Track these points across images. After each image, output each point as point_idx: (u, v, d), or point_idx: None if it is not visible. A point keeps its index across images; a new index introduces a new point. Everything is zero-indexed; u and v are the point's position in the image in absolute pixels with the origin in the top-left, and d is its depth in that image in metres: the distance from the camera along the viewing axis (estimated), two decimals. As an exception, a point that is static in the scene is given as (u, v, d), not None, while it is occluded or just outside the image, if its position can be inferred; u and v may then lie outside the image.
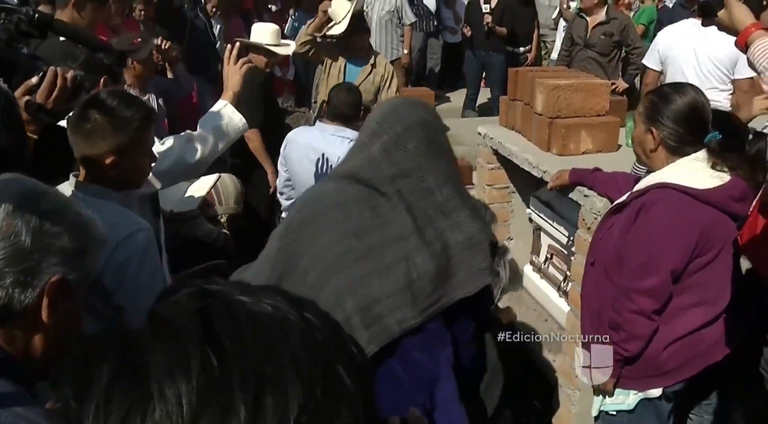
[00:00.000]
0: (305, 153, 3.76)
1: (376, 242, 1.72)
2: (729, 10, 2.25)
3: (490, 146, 4.10)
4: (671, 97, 2.34)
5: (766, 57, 2.13)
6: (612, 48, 6.28)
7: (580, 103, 3.66)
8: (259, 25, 4.85)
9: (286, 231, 1.85)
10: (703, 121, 2.34)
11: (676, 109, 2.32)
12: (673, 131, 2.32)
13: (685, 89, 2.37)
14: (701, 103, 2.35)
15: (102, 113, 1.97)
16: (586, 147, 3.66)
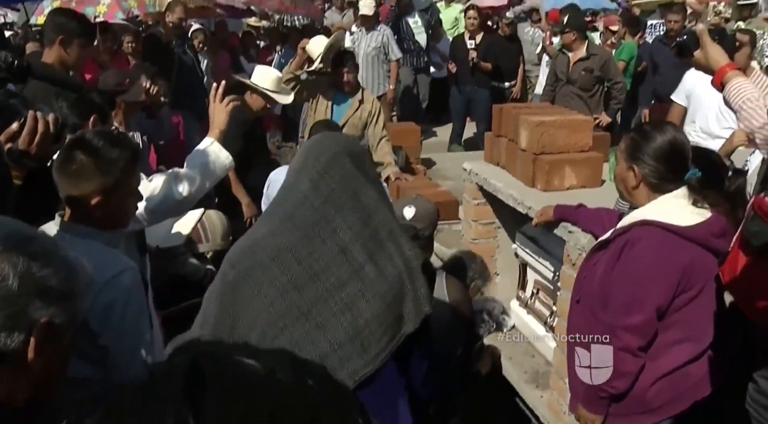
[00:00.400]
0: None
1: (318, 294, 1.65)
2: (705, 50, 2.33)
3: (476, 182, 4.14)
4: (652, 136, 2.38)
5: (741, 96, 2.19)
6: (593, 83, 6.39)
7: (564, 140, 3.72)
8: (263, 68, 4.84)
9: (222, 291, 1.75)
10: (683, 158, 2.38)
11: (657, 147, 2.36)
12: (654, 169, 2.36)
13: (666, 128, 2.41)
14: (681, 142, 2.39)
15: (87, 154, 1.97)
16: (570, 183, 3.71)
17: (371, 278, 1.66)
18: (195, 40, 7.63)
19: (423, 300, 1.70)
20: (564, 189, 3.69)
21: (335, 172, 1.73)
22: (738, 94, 2.20)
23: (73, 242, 1.90)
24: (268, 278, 1.67)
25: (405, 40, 8.34)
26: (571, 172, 3.69)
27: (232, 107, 2.79)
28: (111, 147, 2.02)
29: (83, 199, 1.99)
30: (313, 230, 1.69)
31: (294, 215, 1.73)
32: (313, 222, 1.69)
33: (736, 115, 2.24)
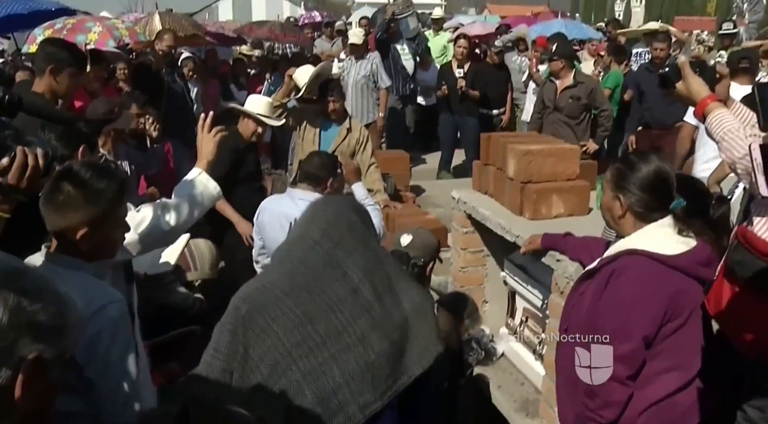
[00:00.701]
0: (277, 219, 3.80)
1: (331, 326, 1.70)
2: (686, 82, 2.38)
3: (464, 210, 4.16)
4: (637, 166, 2.41)
5: (722, 127, 2.23)
6: (581, 111, 6.45)
7: (551, 168, 3.75)
8: (254, 97, 4.92)
9: (234, 323, 1.78)
10: (668, 188, 2.41)
11: (642, 177, 2.39)
12: (640, 198, 2.38)
13: (650, 158, 2.44)
14: (666, 171, 2.42)
15: (75, 185, 1.97)
16: (558, 211, 3.73)
17: (380, 317, 1.72)
18: (185, 68, 7.66)
19: (431, 343, 1.77)
20: (551, 217, 3.71)
21: (343, 222, 1.83)
22: (719, 125, 2.24)
23: (59, 273, 1.90)
24: (281, 311, 1.73)
25: (392, 67, 8.39)
26: (558, 201, 3.72)
27: (220, 138, 2.80)
28: (98, 178, 2.02)
29: (70, 230, 1.98)
30: (325, 271, 1.77)
31: (305, 259, 1.80)
32: (325, 264, 1.78)
33: (718, 146, 2.27)
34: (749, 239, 2.30)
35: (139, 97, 5.24)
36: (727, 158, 2.24)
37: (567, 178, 3.81)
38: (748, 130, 2.21)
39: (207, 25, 11.89)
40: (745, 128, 2.22)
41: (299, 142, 5.37)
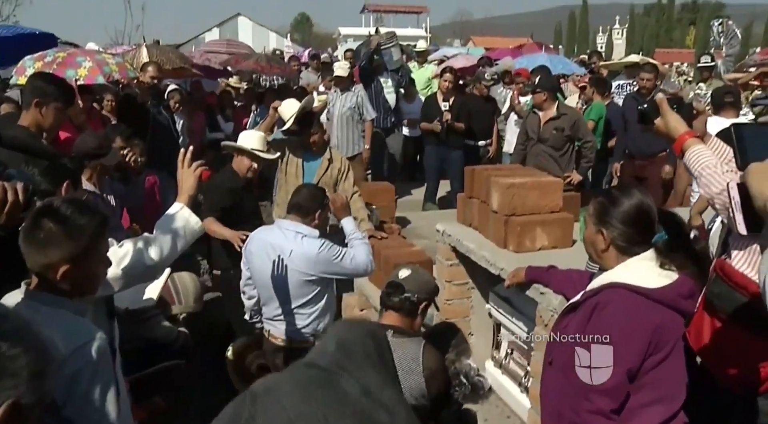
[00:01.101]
0: (264, 249, 3.81)
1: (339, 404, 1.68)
2: (665, 118, 2.43)
3: (449, 243, 4.17)
4: (619, 200, 2.43)
5: (700, 163, 2.27)
6: (564, 142, 6.51)
7: (535, 201, 3.78)
8: (247, 132, 4.94)
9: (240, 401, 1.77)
10: (650, 222, 2.43)
11: (624, 211, 2.41)
12: (622, 232, 2.40)
13: (632, 192, 2.47)
14: (647, 205, 2.44)
15: (56, 222, 1.96)
16: (542, 243, 3.76)
17: None
18: (171, 101, 7.68)
19: None
20: (536, 250, 3.74)
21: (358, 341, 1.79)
22: (697, 161, 2.28)
23: (40, 310, 1.88)
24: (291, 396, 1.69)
25: (374, 99, 8.44)
26: (542, 233, 3.74)
27: (200, 172, 2.80)
28: (80, 214, 2.00)
29: (52, 267, 1.96)
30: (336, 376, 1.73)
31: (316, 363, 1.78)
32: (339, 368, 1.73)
33: (697, 181, 2.30)
34: (727, 272, 2.33)
35: (123, 130, 5.24)
36: (706, 193, 2.27)
37: (550, 210, 3.84)
38: (725, 166, 2.25)
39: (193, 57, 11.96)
40: (722, 164, 2.26)
41: (282, 176, 5.39)
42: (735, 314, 2.31)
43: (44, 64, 5.70)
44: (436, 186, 8.49)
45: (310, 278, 3.69)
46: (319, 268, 3.66)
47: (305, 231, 3.73)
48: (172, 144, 6.83)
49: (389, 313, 3.04)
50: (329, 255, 3.65)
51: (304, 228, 3.73)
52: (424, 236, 6.30)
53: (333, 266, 3.66)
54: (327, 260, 3.64)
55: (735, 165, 2.25)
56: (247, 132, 4.88)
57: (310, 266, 3.65)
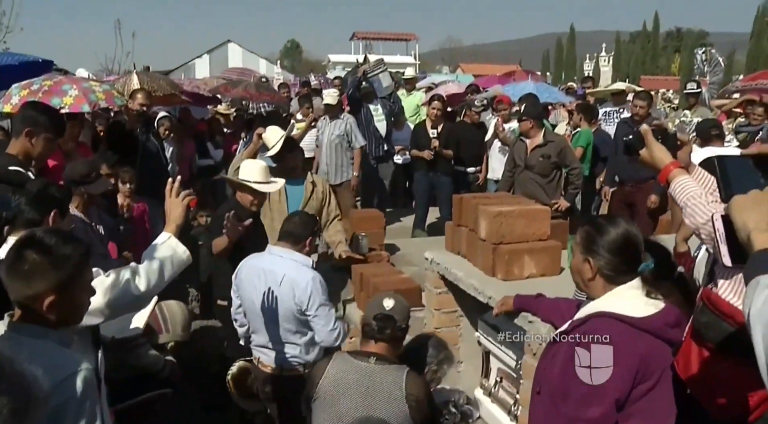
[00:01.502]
0: (255, 274, 3.83)
1: None
2: (649, 149, 2.47)
3: (438, 271, 4.18)
4: (605, 229, 2.45)
5: (685, 193, 2.29)
6: (551, 169, 6.56)
7: (523, 229, 3.80)
8: (248, 162, 4.79)
9: None
10: (636, 251, 2.45)
11: (611, 241, 2.43)
12: (609, 261, 2.42)
13: (618, 221, 2.49)
14: (633, 235, 2.46)
15: (39, 252, 1.95)
16: (530, 271, 3.77)
17: None
18: (161, 128, 7.69)
19: None
20: (524, 278, 3.75)
21: None
22: (682, 192, 2.31)
23: (24, 343, 1.86)
24: None
25: (364, 127, 8.45)
26: (530, 261, 3.75)
27: (188, 201, 2.81)
28: (63, 244, 2.00)
29: (37, 298, 1.95)
30: None
31: None
32: None
33: (683, 211, 2.33)
34: (713, 301, 2.34)
35: (109, 157, 5.26)
36: (691, 223, 2.29)
37: (538, 238, 3.86)
38: (710, 196, 2.27)
39: (183, 84, 12.00)
40: (707, 194, 2.29)
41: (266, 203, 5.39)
42: (723, 343, 2.32)
43: (30, 92, 5.70)
44: (425, 213, 8.50)
45: (302, 306, 3.69)
46: (302, 299, 3.65)
47: (299, 259, 3.75)
48: (162, 171, 6.84)
49: (378, 344, 3.05)
50: (316, 295, 3.66)
51: (297, 255, 3.76)
52: (414, 262, 6.29)
53: (312, 307, 3.66)
54: (312, 297, 3.65)
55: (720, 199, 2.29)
56: (248, 163, 4.74)
57: (299, 294, 3.65)
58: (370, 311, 3.12)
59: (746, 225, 1.46)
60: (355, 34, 49.84)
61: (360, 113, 8.50)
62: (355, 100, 8.57)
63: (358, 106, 8.55)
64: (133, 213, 5.75)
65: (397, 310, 3.09)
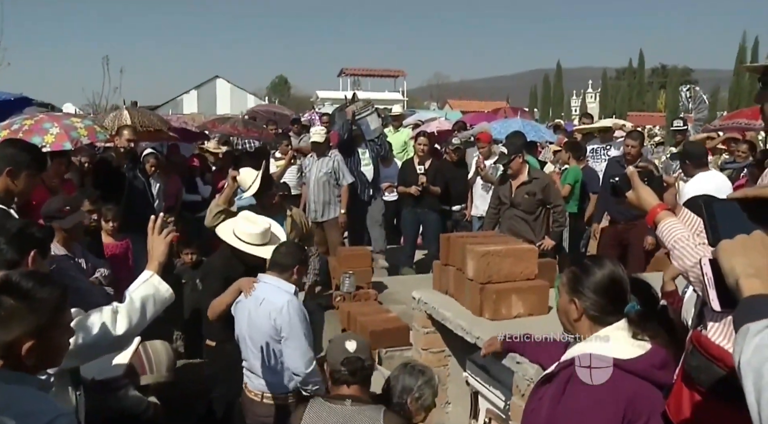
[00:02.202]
0: (246, 302, 3.95)
1: None
2: (636, 191, 2.50)
3: (425, 311, 4.17)
4: (591, 270, 2.46)
5: (672, 236, 2.31)
6: (536, 206, 6.59)
7: (510, 269, 3.81)
8: (246, 217, 4.72)
9: None
10: (622, 292, 2.46)
11: (596, 281, 2.44)
12: (595, 302, 2.43)
13: (604, 262, 2.50)
14: (619, 275, 2.48)
15: (16, 297, 1.92)
16: (518, 311, 3.77)
17: None
18: (147, 164, 7.69)
19: None
20: (511, 317, 3.75)
21: None
22: (669, 234, 2.33)
23: (2, 389, 1.84)
24: None
25: (353, 171, 8.41)
26: (517, 301, 3.76)
27: (171, 238, 2.80)
28: (40, 287, 1.97)
29: (14, 343, 1.92)
30: None
31: None
32: None
33: (670, 254, 2.35)
34: (704, 344, 2.35)
35: (91, 193, 5.25)
36: (679, 266, 2.31)
37: (526, 277, 3.87)
38: (697, 238, 2.29)
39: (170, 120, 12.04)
40: (694, 236, 2.30)
41: None
42: (714, 387, 2.31)
43: (11, 132, 5.68)
44: (413, 250, 8.53)
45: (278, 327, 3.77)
46: (279, 322, 3.70)
47: (282, 285, 3.85)
48: (148, 208, 6.82)
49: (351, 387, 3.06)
50: (290, 318, 3.71)
51: (282, 282, 3.86)
52: (401, 301, 6.29)
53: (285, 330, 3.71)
54: (286, 320, 3.71)
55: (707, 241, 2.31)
56: (245, 218, 4.71)
57: (275, 316, 3.71)
58: (334, 356, 3.13)
59: (734, 270, 1.47)
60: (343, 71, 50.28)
61: (353, 157, 8.48)
62: (346, 146, 8.50)
63: (351, 149, 8.50)
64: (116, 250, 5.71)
65: (362, 349, 3.12)
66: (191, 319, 6.06)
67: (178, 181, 9.02)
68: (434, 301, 4.14)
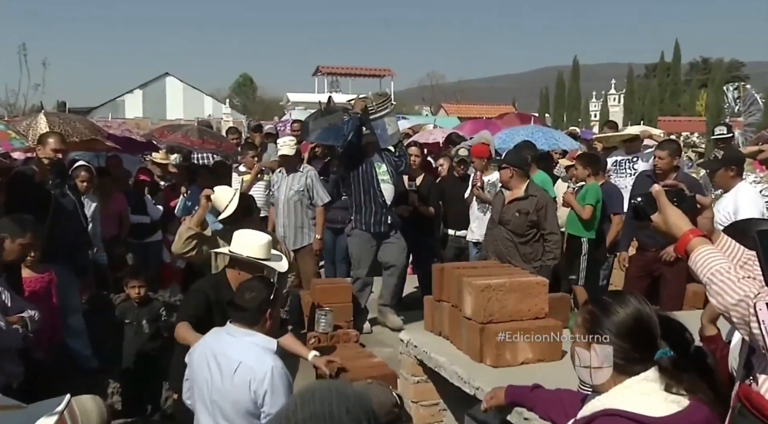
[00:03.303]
0: (209, 355, 3.79)
1: None
2: (663, 214, 2.46)
3: (415, 356, 4.15)
4: (612, 309, 2.43)
5: (709, 267, 2.27)
6: (527, 227, 6.55)
7: (515, 305, 3.79)
8: (244, 233, 4.65)
9: None
10: (650, 334, 2.43)
11: (618, 322, 2.41)
12: (618, 348, 2.40)
13: (627, 299, 2.48)
14: (647, 314, 2.44)
15: None
16: (525, 357, 3.75)
17: None
18: (77, 179, 7.56)
19: None
20: (517, 365, 3.72)
21: None
22: (705, 266, 2.29)
23: None
24: None
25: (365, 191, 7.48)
26: (525, 345, 3.74)
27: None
28: None
29: None
30: None
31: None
32: None
33: (707, 289, 2.31)
34: (755, 402, 2.32)
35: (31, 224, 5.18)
36: (719, 304, 2.27)
37: (534, 316, 3.85)
38: (739, 271, 2.25)
39: (110, 126, 11.93)
40: (736, 268, 2.26)
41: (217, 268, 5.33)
42: None
43: None
44: (401, 282, 8.45)
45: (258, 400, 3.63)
46: (259, 392, 3.59)
47: (260, 341, 3.72)
48: (79, 232, 6.73)
49: None
50: (275, 389, 3.59)
51: (258, 337, 3.74)
52: (387, 343, 6.26)
53: (267, 403, 3.60)
54: (269, 393, 3.58)
55: (755, 271, 2.27)
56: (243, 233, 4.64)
57: (255, 386, 3.59)
58: None
59: None
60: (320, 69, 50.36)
61: (357, 170, 7.44)
62: (353, 152, 7.39)
63: (357, 160, 7.43)
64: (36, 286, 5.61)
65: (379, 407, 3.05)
66: (134, 369, 5.98)
67: (123, 200, 8.89)
68: (426, 344, 4.12)
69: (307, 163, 8.64)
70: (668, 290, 6.69)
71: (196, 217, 5.21)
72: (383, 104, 7.59)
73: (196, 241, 5.06)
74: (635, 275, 7.11)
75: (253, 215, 5.47)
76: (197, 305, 4.52)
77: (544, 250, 6.61)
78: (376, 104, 7.54)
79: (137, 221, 9.15)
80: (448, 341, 4.07)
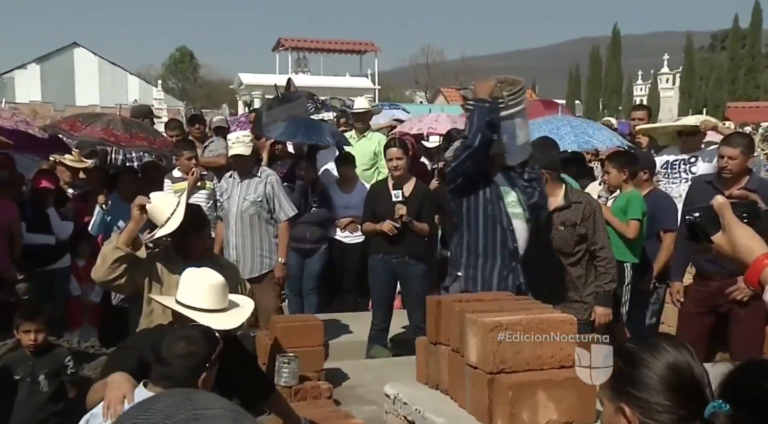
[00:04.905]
0: None
1: None
2: (729, 233, 2.44)
3: (404, 416, 4.18)
4: (642, 360, 2.45)
5: None
6: (576, 242, 6.59)
7: (534, 350, 3.82)
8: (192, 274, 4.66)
9: None
10: (695, 387, 2.46)
11: (652, 376, 2.45)
12: (659, 408, 2.45)
13: (659, 345, 2.49)
14: (686, 363, 2.46)
15: None
16: (548, 417, 3.77)
17: None
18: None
19: None
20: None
21: None
22: None
23: None
24: None
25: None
26: (547, 402, 3.76)
27: None
28: None
29: None
30: None
31: None
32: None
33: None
34: None
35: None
36: None
37: (560, 365, 3.87)
38: None
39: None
40: None
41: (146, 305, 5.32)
42: None
43: None
44: (387, 318, 8.40)
45: None
46: None
47: None
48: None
49: None
50: None
51: None
52: (370, 399, 6.27)
53: None
54: None
55: None
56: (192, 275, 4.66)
57: None
58: None
59: None
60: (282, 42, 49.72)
61: (477, 197, 6.09)
62: (477, 166, 6.04)
63: (475, 181, 6.12)
64: None
65: None
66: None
67: (13, 210, 8.74)
68: (419, 400, 4.14)
69: (266, 166, 8.66)
70: (741, 330, 6.47)
71: (125, 234, 5.13)
72: (516, 95, 6.24)
73: (125, 265, 5.00)
74: (693, 311, 6.92)
75: (204, 230, 5.54)
76: (125, 369, 4.20)
77: (597, 273, 6.59)
78: (507, 95, 6.17)
79: (37, 241, 8.93)
80: (447, 397, 4.09)
